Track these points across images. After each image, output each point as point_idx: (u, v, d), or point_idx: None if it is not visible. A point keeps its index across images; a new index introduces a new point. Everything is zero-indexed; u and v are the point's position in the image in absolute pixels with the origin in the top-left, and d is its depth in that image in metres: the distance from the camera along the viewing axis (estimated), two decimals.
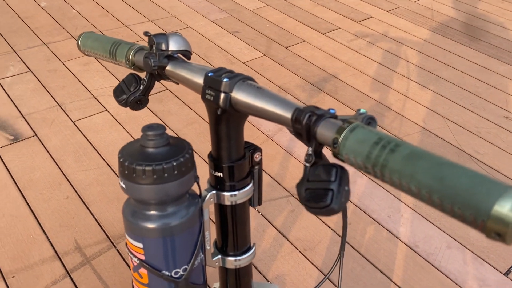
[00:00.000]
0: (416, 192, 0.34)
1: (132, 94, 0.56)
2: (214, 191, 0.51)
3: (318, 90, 2.31)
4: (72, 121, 1.98)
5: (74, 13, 2.83)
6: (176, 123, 2.01)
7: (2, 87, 2.14)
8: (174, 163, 0.43)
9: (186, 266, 0.47)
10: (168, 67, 0.54)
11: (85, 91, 2.17)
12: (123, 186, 0.42)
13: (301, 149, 1.93)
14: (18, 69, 2.28)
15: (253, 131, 2.01)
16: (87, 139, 1.88)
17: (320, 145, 0.42)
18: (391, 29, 2.90)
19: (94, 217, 1.56)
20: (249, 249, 0.57)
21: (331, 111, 0.44)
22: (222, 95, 0.46)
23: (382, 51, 2.66)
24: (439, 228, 1.61)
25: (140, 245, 0.45)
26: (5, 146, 1.82)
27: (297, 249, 1.51)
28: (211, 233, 0.52)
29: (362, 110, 0.43)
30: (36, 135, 1.88)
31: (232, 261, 0.56)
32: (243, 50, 2.60)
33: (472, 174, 0.33)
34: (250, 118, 2.08)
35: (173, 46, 0.56)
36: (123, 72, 2.32)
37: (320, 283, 0.66)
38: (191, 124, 2.02)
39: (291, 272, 1.43)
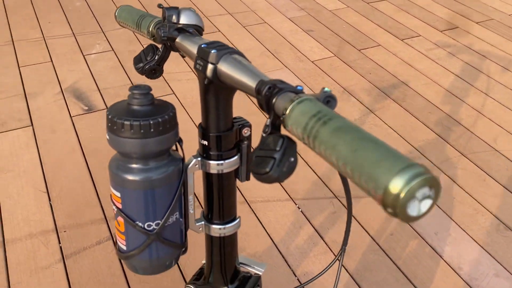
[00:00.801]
0: (335, 163, 0.35)
1: (148, 63, 0.61)
2: (199, 158, 0.53)
3: (385, 96, 2.24)
4: None
5: (161, 2, 3.00)
6: None
7: (86, 62, 2.34)
8: (151, 121, 0.46)
9: (159, 221, 0.50)
10: (178, 39, 0.58)
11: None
12: (108, 138, 0.46)
13: None
14: (102, 47, 2.48)
15: None
16: None
17: (277, 116, 0.43)
18: (476, 41, 2.72)
19: None
20: (234, 219, 0.59)
21: (298, 87, 0.44)
22: (209, 65, 0.49)
23: (462, 63, 2.51)
24: (490, 254, 1.50)
25: (118, 194, 0.49)
26: (79, 115, 1.99)
27: (331, 251, 1.49)
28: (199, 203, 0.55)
29: (326, 89, 0.43)
30: (107, 108, 2.04)
31: (216, 229, 0.58)
32: (314, 49, 2.59)
33: (385, 149, 0.32)
34: None
35: (183, 19, 0.59)
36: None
37: (316, 277, 0.65)
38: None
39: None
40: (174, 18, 0.59)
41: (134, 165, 0.48)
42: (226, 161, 0.53)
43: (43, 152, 1.80)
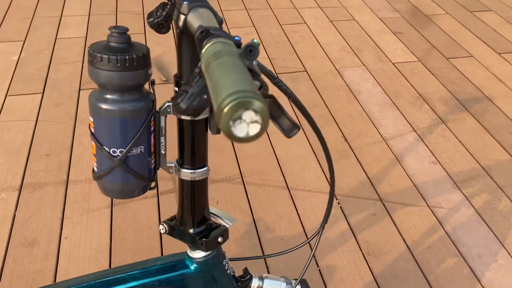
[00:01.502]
0: (210, 90, 0.37)
1: (156, 18, 0.67)
2: (171, 103, 0.58)
3: (463, 108, 2.10)
4: None
5: None
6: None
7: (174, 38, 2.52)
8: (126, 56, 0.52)
9: (123, 150, 0.56)
10: None
11: None
12: (88, 70, 0.54)
13: (413, 162, 1.81)
14: None
15: (370, 129, 1.96)
16: None
17: None
18: None
19: None
20: (203, 167, 0.63)
21: (236, 38, 0.47)
22: (181, 16, 0.54)
23: None
24: None
25: (92, 120, 0.56)
26: (158, 84, 2.16)
27: (361, 250, 1.46)
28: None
29: (254, 40, 0.45)
30: None
31: (186, 173, 0.63)
32: (398, 51, 2.50)
33: (239, 79, 0.35)
34: (371, 114, 2.03)
35: None
36: (272, 49, 2.47)
37: (284, 252, 0.67)
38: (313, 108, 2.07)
39: (344, 269, 1.40)
40: None
41: (108, 96, 0.55)
42: None
43: None
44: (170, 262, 0.71)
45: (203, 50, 0.43)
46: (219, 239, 0.66)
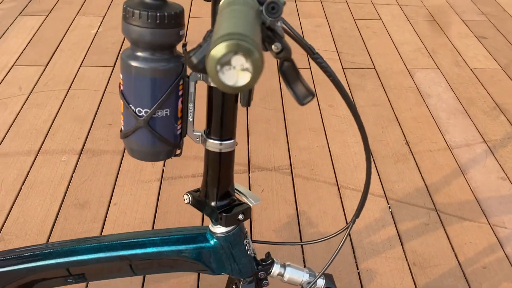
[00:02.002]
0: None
1: None
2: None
3: None
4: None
5: None
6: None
7: None
8: (158, 13, 0.51)
9: (147, 110, 0.55)
10: None
11: None
12: (121, 26, 0.54)
13: (478, 175, 1.67)
14: None
15: (435, 135, 1.83)
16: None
17: None
18: None
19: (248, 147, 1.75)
20: (230, 139, 0.61)
21: None
22: None
23: None
24: None
25: (122, 77, 0.56)
26: None
27: (406, 259, 1.38)
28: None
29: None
30: None
31: (211, 143, 0.61)
32: (479, 57, 2.32)
33: (239, 24, 0.32)
34: (439, 120, 1.90)
35: None
36: (342, 47, 2.40)
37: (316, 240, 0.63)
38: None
39: (385, 275, 1.33)
40: None
41: (138, 53, 0.54)
42: None
43: None
44: (191, 233, 0.70)
45: (221, 1, 0.41)
46: (240, 216, 0.64)
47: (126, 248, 0.68)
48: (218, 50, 0.30)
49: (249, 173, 1.63)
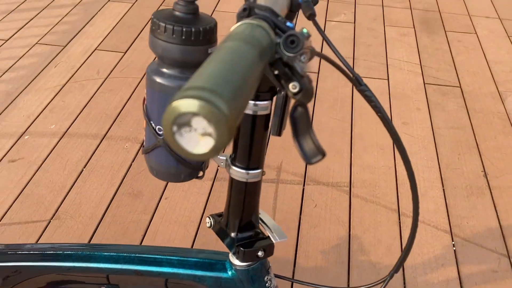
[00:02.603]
0: None
1: None
2: None
3: None
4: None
5: None
6: None
7: (324, 27, 2.43)
8: (184, 28, 0.46)
9: None
10: None
11: (383, 56, 2.21)
12: (149, 38, 0.50)
13: None
14: (346, 18, 2.51)
15: None
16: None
17: None
18: None
19: None
20: (255, 168, 0.55)
21: (288, 24, 0.37)
22: None
23: None
24: None
25: (145, 92, 0.52)
26: None
27: None
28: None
29: (304, 30, 0.35)
30: (318, 73, 2.09)
31: (237, 172, 0.55)
32: None
33: (217, 72, 0.25)
34: None
35: None
36: (432, 58, 2.22)
37: None
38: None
39: None
40: None
41: (164, 69, 0.50)
42: (258, 102, 0.50)
43: None
44: (210, 259, 0.65)
45: (231, 29, 0.36)
46: (260, 253, 0.59)
47: (142, 263, 0.66)
48: (175, 108, 0.25)
49: (304, 185, 1.56)
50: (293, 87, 0.36)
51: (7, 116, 1.76)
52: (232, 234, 0.59)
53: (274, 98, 0.50)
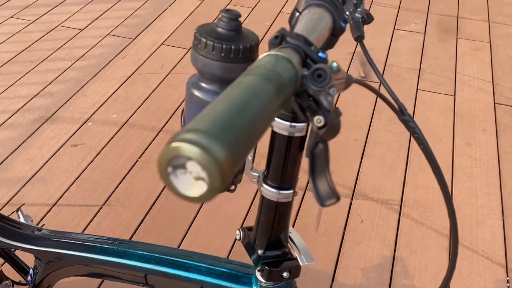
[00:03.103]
0: None
1: None
2: None
3: None
4: (417, 88, 2.00)
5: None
6: None
7: (392, 36, 2.34)
8: (224, 45, 0.46)
9: None
10: None
11: (451, 70, 2.10)
12: (191, 53, 0.50)
13: None
14: (416, 27, 2.41)
15: None
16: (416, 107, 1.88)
17: None
18: None
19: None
20: (287, 189, 0.54)
21: (320, 54, 0.35)
22: (295, 13, 0.45)
23: None
24: None
25: (184, 105, 0.53)
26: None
27: None
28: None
29: (334, 64, 0.33)
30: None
31: (268, 190, 0.55)
32: None
33: (222, 113, 0.24)
34: None
35: None
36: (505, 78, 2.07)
37: None
38: None
39: None
40: None
41: (203, 84, 0.50)
42: (293, 124, 0.49)
43: None
44: (237, 271, 0.65)
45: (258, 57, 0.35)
46: (285, 274, 0.57)
47: (171, 266, 0.67)
48: (171, 150, 0.24)
49: (352, 198, 1.52)
50: (317, 121, 0.34)
51: (74, 102, 1.87)
52: (259, 251, 0.59)
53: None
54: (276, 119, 0.50)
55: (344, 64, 2.13)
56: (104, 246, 0.70)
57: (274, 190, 0.54)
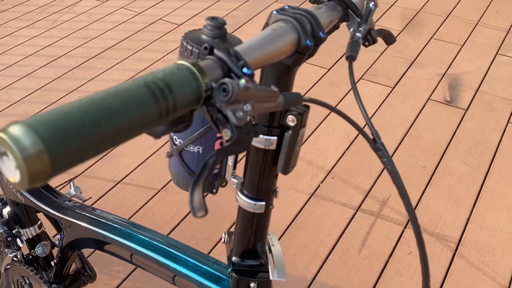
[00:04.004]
0: None
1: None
2: None
3: None
4: (508, 121, 1.81)
5: None
6: None
7: (492, 60, 2.14)
8: (194, 49, 0.46)
9: (181, 141, 0.53)
10: None
11: None
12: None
13: None
14: None
15: None
16: None
17: None
18: None
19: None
20: (259, 200, 0.54)
21: (245, 70, 0.34)
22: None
23: None
24: None
25: None
26: (435, 101, 1.92)
27: None
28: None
29: (242, 81, 0.32)
30: (467, 109, 1.86)
31: (243, 200, 0.55)
32: None
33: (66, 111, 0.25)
34: None
35: None
36: None
37: None
38: None
39: None
40: None
41: None
42: (262, 136, 0.49)
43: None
44: (221, 273, 0.67)
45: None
46: (252, 284, 0.57)
47: (163, 255, 0.70)
48: None
49: (405, 227, 1.43)
50: (225, 133, 0.34)
51: None
52: (234, 258, 0.59)
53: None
54: None
55: (430, 85, 2.00)
56: (113, 225, 0.76)
57: (249, 201, 0.55)
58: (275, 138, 0.49)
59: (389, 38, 0.62)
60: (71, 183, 1.03)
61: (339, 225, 1.44)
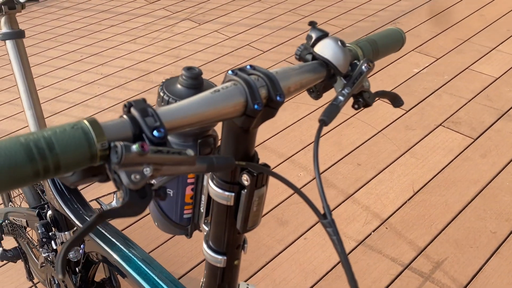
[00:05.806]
0: None
1: None
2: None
3: None
4: None
5: None
6: None
7: None
8: (170, 100, 0.47)
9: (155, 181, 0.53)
10: None
11: None
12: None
13: None
14: None
15: None
16: None
17: None
18: None
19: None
20: (221, 254, 0.52)
21: (156, 133, 0.33)
22: None
23: None
24: None
25: None
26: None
27: None
28: None
29: (135, 146, 0.31)
30: None
31: (206, 251, 0.54)
32: None
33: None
34: None
35: (317, 48, 0.49)
36: None
37: None
38: None
39: None
40: (311, 41, 0.51)
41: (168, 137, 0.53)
42: (219, 190, 0.47)
43: None
44: None
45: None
46: None
47: (135, 269, 0.72)
48: None
49: None
50: (120, 195, 0.34)
51: None
52: None
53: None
54: (211, 184, 0.49)
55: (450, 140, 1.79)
56: (112, 239, 0.80)
57: (212, 254, 0.53)
58: (233, 194, 0.48)
59: (396, 101, 0.57)
60: (114, 196, 1.10)
61: (382, 281, 1.34)
